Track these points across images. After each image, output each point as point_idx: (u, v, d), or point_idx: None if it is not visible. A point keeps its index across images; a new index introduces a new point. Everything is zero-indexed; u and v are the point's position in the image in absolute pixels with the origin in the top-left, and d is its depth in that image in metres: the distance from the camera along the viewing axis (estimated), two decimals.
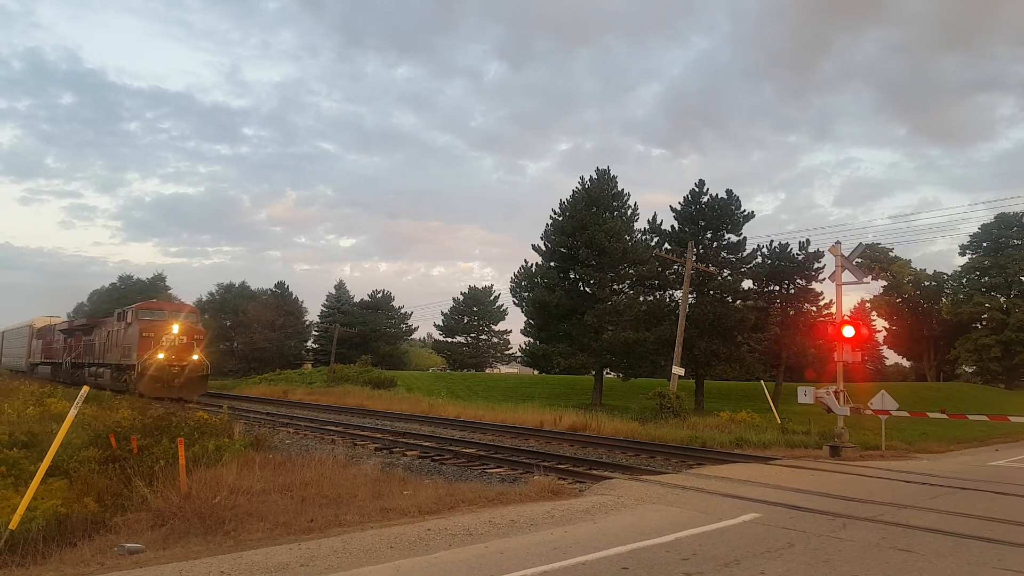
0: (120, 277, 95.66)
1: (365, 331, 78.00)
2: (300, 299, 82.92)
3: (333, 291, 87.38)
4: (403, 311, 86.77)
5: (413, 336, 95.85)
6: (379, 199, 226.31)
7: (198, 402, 31.40)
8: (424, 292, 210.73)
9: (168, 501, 9.50)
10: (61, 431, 10.29)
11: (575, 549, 7.37)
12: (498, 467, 14.83)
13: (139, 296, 76.41)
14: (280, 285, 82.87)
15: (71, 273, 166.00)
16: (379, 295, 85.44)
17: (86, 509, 9.69)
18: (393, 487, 11.13)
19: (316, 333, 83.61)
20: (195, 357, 33.20)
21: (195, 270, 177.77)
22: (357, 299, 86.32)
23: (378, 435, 20.48)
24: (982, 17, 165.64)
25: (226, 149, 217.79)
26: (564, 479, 12.77)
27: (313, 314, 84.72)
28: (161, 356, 31.81)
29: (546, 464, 14.42)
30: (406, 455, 16.31)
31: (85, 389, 11.15)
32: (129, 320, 34.45)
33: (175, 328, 33.09)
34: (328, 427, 22.68)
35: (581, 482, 12.67)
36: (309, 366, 75.32)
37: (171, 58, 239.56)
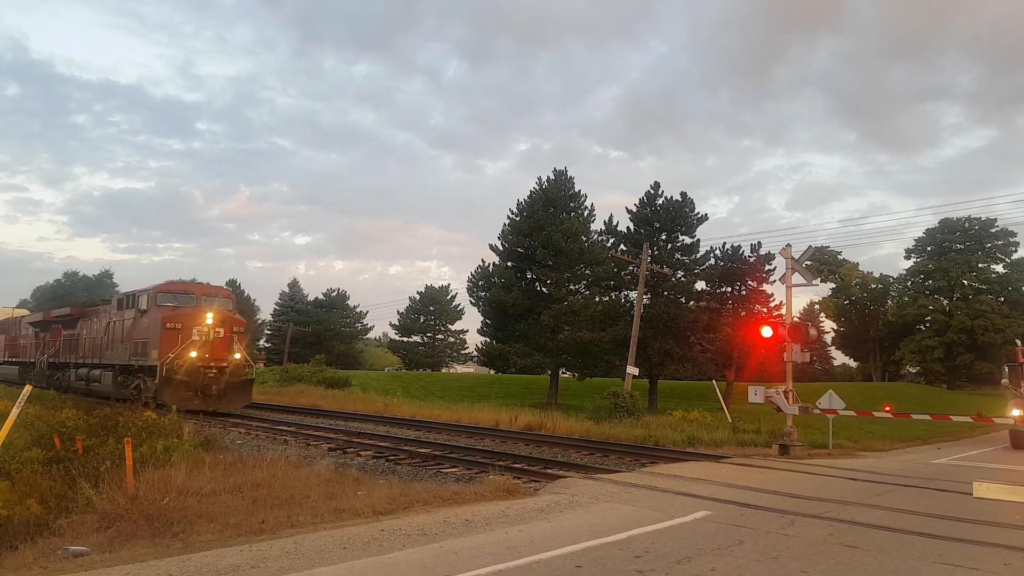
0: (65, 273, 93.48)
1: (319, 330, 77.25)
2: (253, 297, 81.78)
3: (287, 289, 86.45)
4: (359, 310, 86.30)
5: (369, 335, 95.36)
6: (336, 197, 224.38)
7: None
8: (381, 291, 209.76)
9: (114, 503, 9.27)
10: (3, 431, 10.00)
11: (529, 548, 7.39)
12: (453, 467, 14.80)
13: (84, 293, 74.53)
14: (232, 283, 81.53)
15: (14, 269, 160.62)
16: (334, 294, 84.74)
17: (28, 511, 9.42)
18: (347, 487, 11.03)
19: (269, 332, 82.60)
20: (237, 356, 26.11)
21: (145, 267, 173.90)
22: (312, 298, 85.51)
23: (332, 435, 20.26)
24: (930, 29, 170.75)
25: (178, 144, 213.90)
26: (519, 478, 12.79)
27: (266, 312, 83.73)
28: (194, 355, 24.67)
29: (501, 463, 14.44)
30: (360, 455, 16.18)
31: (28, 388, 10.85)
32: (144, 307, 26.47)
33: (209, 317, 25.54)
34: (280, 427, 22.36)
35: (536, 481, 12.70)
36: (261, 365, 74.08)
37: (122, 50, 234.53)
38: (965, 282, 73.62)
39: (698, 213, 42.67)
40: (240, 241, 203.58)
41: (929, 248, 77.01)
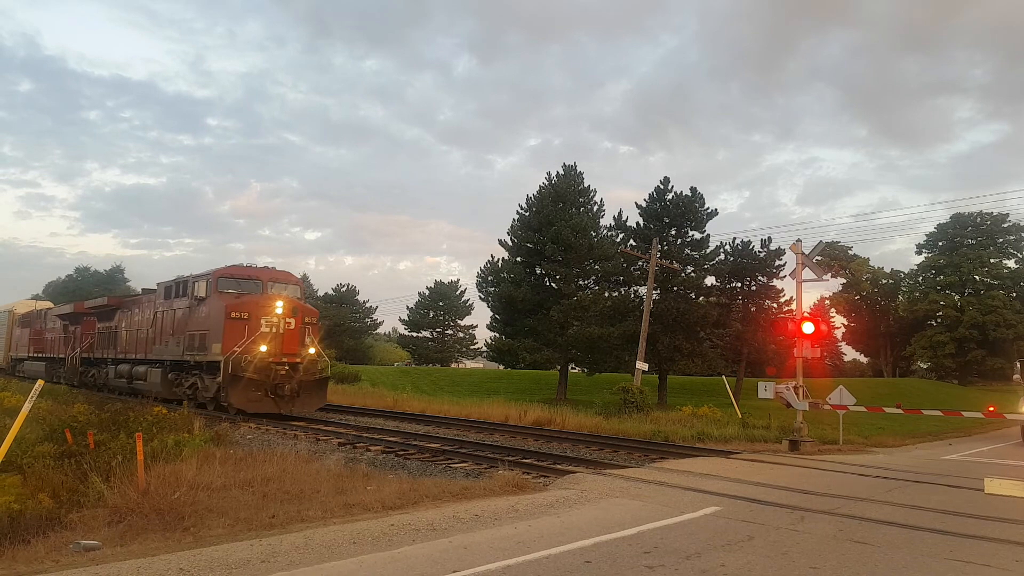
0: (76, 269, 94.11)
1: (329, 325, 77.19)
2: None
3: None
4: (368, 305, 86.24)
5: (378, 331, 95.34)
6: (346, 192, 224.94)
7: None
8: (390, 286, 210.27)
9: (125, 497, 9.33)
10: (15, 426, 10.07)
11: (539, 543, 7.40)
12: (463, 462, 14.81)
13: (96, 289, 74.84)
14: None
15: (26, 264, 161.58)
16: (344, 289, 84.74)
17: (40, 505, 9.48)
18: (356, 482, 11.06)
19: None
20: (311, 351, 22.92)
21: (156, 262, 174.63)
22: (321, 293, 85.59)
23: (341, 430, 20.29)
24: (941, 21, 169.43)
25: (189, 139, 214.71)
26: (528, 473, 12.80)
27: None
28: (264, 349, 21.43)
29: (510, 458, 14.44)
30: (370, 450, 16.22)
31: (40, 383, 10.91)
32: (202, 294, 23.02)
33: (279, 306, 22.21)
34: (290, 422, 22.42)
35: (545, 476, 12.70)
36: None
37: (134, 46, 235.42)
38: (976, 277, 73.10)
39: (708, 208, 42.51)
40: (250, 236, 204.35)
41: (940, 243, 76.50)
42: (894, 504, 10.36)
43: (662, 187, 42.98)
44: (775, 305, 43.67)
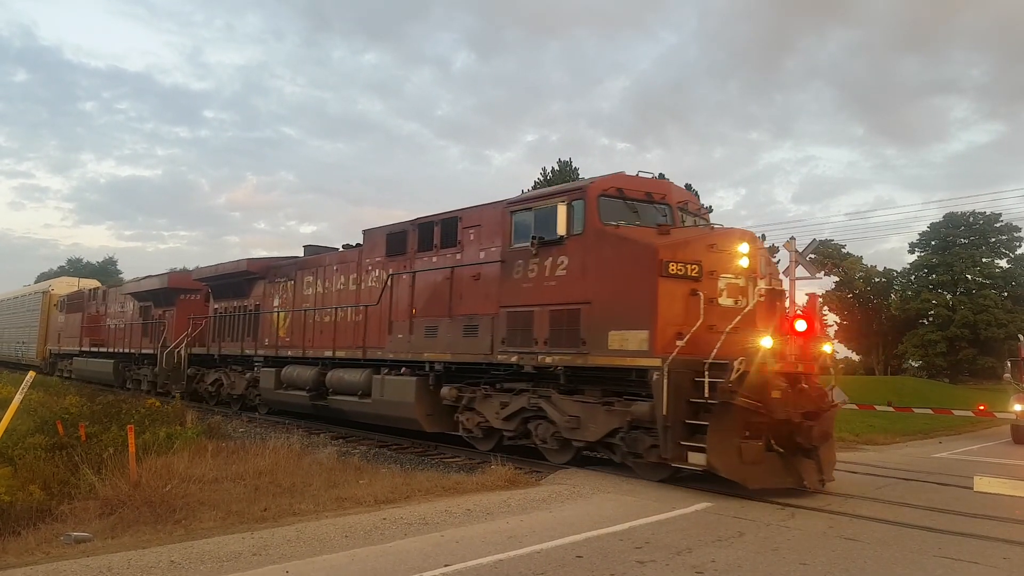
0: (69, 260, 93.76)
1: None
2: None
3: None
4: None
5: None
6: (342, 186, 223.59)
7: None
8: None
9: (117, 489, 9.32)
10: (6, 417, 10.05)
11: (531, 538, 7.41)
12: (455, 456, 14.80)
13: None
14: None
15: (20, 255, 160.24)
16: None
17: (31, 497, 9.48)
18: (349, 476, 11.07)
19: None
20: (827, 348, 12.10)
21: (149, 255, 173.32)
22: None
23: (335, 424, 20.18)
24: (940, 21, 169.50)
25: (185, 132, 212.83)
26: (521, 468, 12.78)
27: None
28: (767, 344, 9.92)
29: (504, 453, 14.42)
30: (363, 443, 16.20)
31: (31, 374, 10.88)
32: (562, 229, 11.58)
33: (744, 252, 10.80)
34: (284, 415, 22.30)
35: (538, 472, 12.70)
36: None
37: (131, 38, 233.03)
38: (968, 277, 73.34)
39: (703, 205, 42.55)
40: (246, 230, 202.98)
41: (933, 242, 76.71)
42: (884, 501, 10.41)
43: None
44: None
